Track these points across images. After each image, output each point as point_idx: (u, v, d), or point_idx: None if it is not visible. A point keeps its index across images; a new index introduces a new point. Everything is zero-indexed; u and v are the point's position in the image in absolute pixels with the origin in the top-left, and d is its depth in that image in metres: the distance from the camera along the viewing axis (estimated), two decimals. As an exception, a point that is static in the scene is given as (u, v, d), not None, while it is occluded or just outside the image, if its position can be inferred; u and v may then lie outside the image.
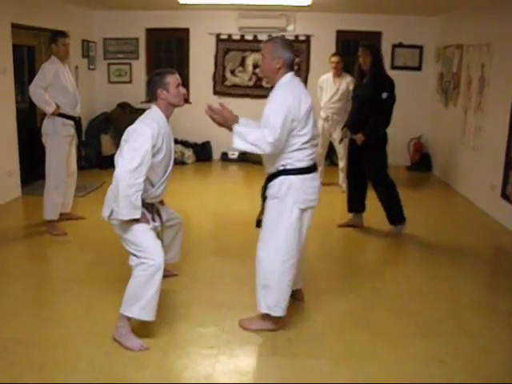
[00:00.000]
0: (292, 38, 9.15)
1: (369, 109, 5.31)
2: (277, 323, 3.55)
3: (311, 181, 3.45)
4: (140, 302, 3.28)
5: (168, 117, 3.52)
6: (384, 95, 5.24)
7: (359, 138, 5.40)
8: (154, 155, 3.35)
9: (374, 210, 5.69)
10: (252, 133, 3.28)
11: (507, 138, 5.93)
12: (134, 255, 3.34)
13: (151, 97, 3.50)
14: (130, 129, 3.37)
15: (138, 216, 3.29)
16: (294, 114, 3.25)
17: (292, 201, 3.37)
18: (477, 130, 6.90)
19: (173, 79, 3.46)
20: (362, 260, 5.07)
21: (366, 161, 5.49)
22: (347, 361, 3.24)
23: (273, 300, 3.44)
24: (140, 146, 3.26)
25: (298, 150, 3.35)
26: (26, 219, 6.03)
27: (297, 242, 3.45)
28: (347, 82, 7.25)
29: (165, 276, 4.06)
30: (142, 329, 3.38)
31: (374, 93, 5.26)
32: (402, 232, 5.58)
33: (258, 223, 3.53)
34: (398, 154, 9.27)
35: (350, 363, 3.21)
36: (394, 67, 9.01)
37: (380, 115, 5.32)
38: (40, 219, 5.51)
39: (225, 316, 3.74)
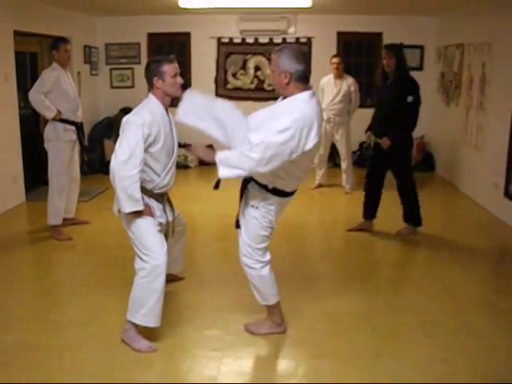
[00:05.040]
0: (293, 40, 9.19)
1: (394, 112, 5.22)
2: (284, 326, 3.56)
3: (286, 203, 3.40)
4: (143, 309, 3.30)
5: (165, 105, 3.43)
6: (409, 99, 5.14)
7: (385, 142, 5.27)
8: (151, 144, 3.30)
9: (379, 211, 5.67)
10: (233, 155, 3.08)
11: (509, 136, 5.92)
12: (138, 256, 3.35)
13: (148, 84, 3.42)
14: (123, 120, 3.30)
15: (139, 208, 3.24)
16: (298, 143, 2.97)
17: (266, 219, 3.35)
18: (479, 130, 6.90)
19: (170, 68, 3.34)
20: (365, 260, 5.08)
21: (392, 164, 5.42)
22: (350, 361, 3.25)
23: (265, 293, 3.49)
24: (129, 138, 3.20)
25: (292, 178, 3.23)
26: (31, 225, 6.07)
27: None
28: (348, 83, 7.28)
29: (171, 280, 4.10)
30: (147, 331, 3.40)
31: (399, 96, 5.16)
32: (410, 233, 5.56)
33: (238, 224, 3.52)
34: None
35: (353, 363, 3.22)
36: (395, 68, 9.02)
37: (406, 119, 5.22)
38: (44, 225, 5.54)
39: (229, 319, 3.76)
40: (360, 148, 9.20)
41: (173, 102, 3.52)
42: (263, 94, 9.37)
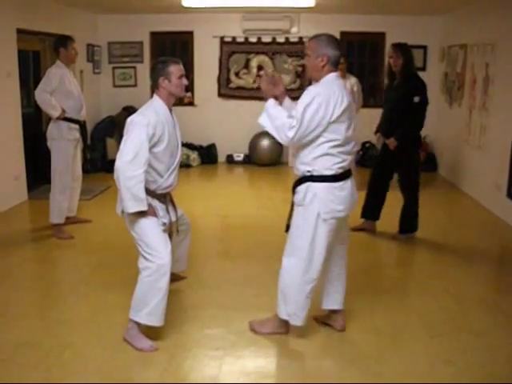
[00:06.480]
0: (296, 39, 9.18)
1: (401, 112, 5.15)
2: (288, 327, 3.52)
3: (339, 190, 3.25)
4: (147, 308, 3.29)
5: (169, 106, 3.48)
6: (416, 99, 5.07)
7: (392, 142, 5.21)
8: (155, 145, 3.32)
9: (383, 212, 5.65)
10: (279, 118, 3.18)
11: (512, 137, 5.92)
12: (142, 255, 3.34)
13: (153, 84, 3.46)
14: (128, 120, 3.34)
15: (143, 208, 3.25)
16: (325, 114, 3.07)
17: (316, 211, 3.20)
18: (482, 130, 6.89)
19: (176, 69, 3.39)
20: (368, 260, 5.06)
21: (399, 165, 5.35)
22: (353, 361, 3.24)
23: (292, 308, 3.36)
24: (134, 137, 3.23)
25: (325, 155, 3.16)
26: (33, 223, 6.06)
27: (321, 257, 3.29)
28: (351, 83, 7.25)
29: (173, 280, 4.09)
30: (149, 330, 3.39)
31: (406, 96, 5.10)
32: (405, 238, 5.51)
33: (287, 228, 3.37)
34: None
35: (356, 364, 3.21)
36: (398, 68, 9.00)
37: (412, 119, 5.15)
38: (46, 223, 5.54)
39: (231, 318, 3.75)
40: (362, 148, 9.19)
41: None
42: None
